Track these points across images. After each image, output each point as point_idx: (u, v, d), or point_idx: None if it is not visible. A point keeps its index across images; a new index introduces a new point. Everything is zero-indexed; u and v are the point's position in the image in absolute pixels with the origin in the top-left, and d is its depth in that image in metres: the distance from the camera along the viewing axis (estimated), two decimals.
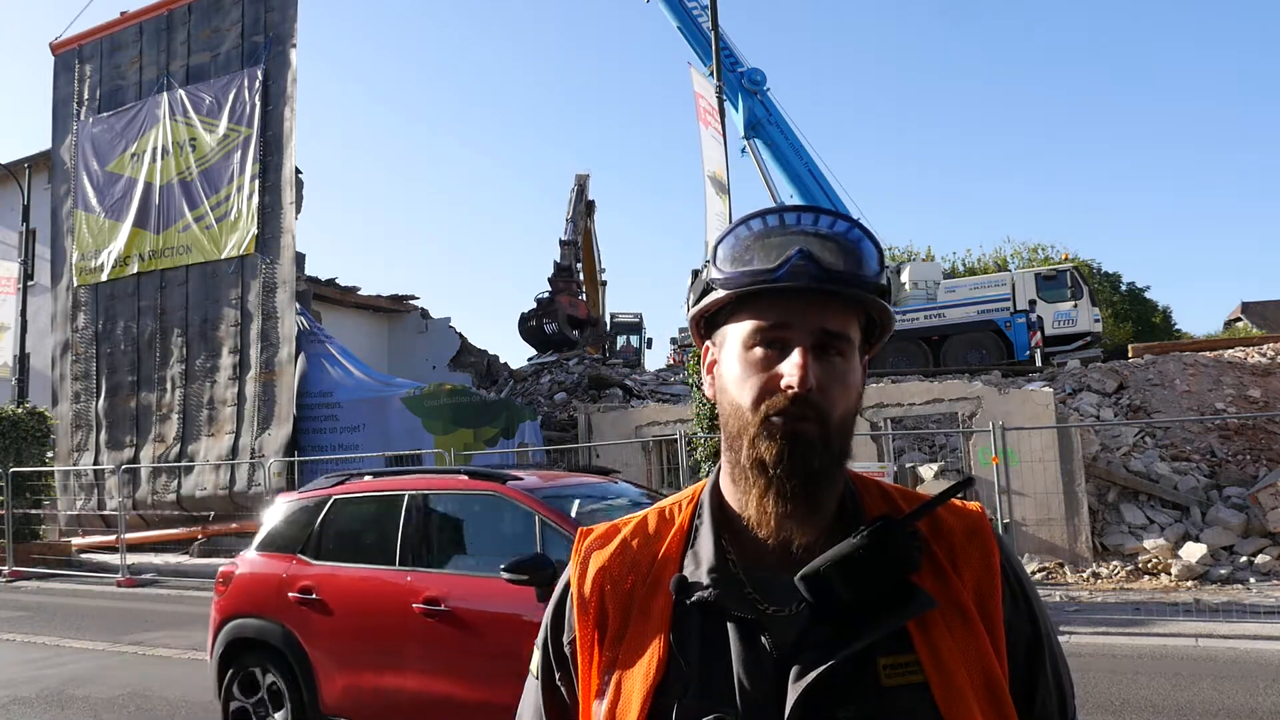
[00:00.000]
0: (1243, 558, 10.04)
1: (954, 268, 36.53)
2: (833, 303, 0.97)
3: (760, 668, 0.94)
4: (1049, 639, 1.03)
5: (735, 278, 0.99)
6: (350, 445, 15.26)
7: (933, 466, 11.98)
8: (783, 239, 0.98)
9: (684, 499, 1.11)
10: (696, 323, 1.07)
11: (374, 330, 24.01)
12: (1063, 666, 1.05)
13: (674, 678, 0.96)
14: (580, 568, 1.08)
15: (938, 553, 1.00)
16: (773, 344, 0.97)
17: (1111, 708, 5.56)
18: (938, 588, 0.97)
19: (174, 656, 8.08)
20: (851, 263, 0.97)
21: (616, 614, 1.02)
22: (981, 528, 1.04)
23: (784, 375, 0.95)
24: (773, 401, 0.96)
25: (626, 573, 1.05)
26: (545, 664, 1.10)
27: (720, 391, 1.02)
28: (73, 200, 19.07)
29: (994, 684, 0.94)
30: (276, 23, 17.09)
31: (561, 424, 15.79)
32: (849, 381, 0.98)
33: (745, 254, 0.99)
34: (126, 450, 17.26)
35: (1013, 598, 1.01)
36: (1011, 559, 1.05)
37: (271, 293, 16.25)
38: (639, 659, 0.98)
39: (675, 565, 1.03)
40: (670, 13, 24.63)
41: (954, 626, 0.95)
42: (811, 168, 24.28)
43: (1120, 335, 30.83)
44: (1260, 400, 12.95)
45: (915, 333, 20.55)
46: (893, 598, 0.93)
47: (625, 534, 1.09)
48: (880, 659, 0.92)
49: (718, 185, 14.83)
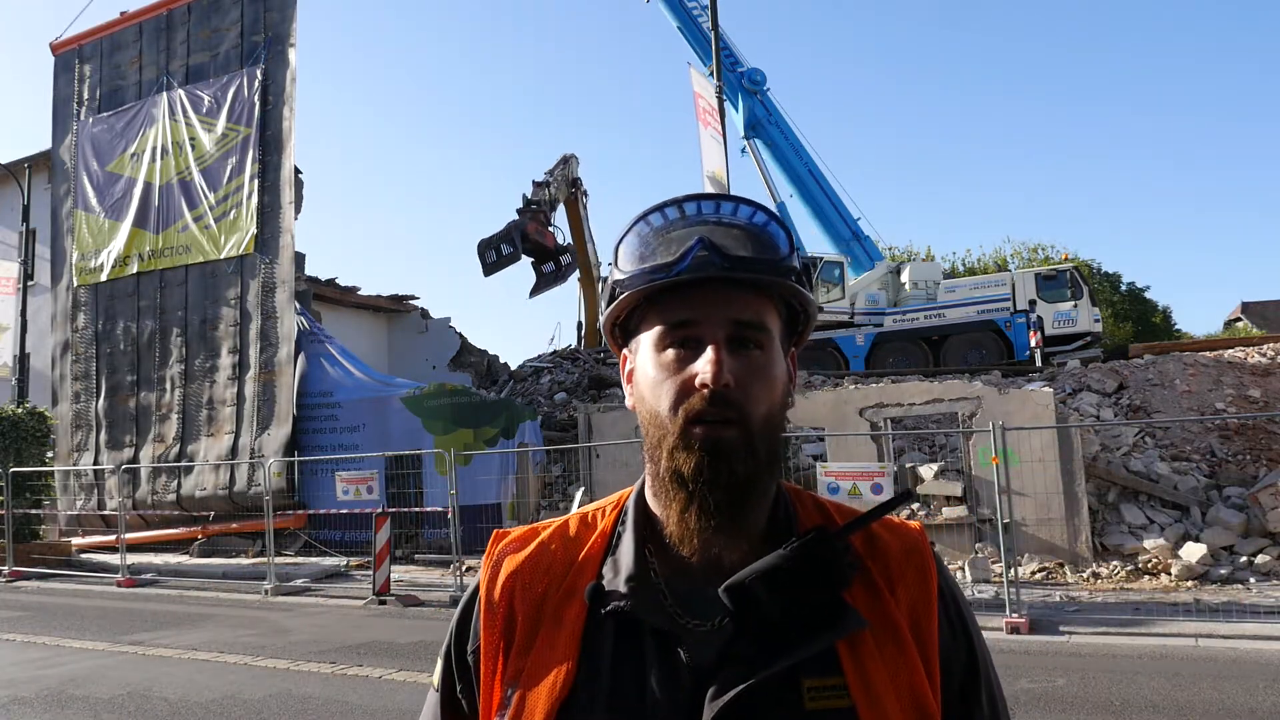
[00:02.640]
0: (1243, 558, 10.04)
1: (954, 268, 36.55)
2: (743, 292, 0.92)
3: (675, 684, 0.87)
4: (985, 666, 0.98)
5: (637, 277, 0.93)
6: (350, 445, 15.26)
7: (933, 466, 11.97)
8: (683, 231, 0.92)
9: (609, 504, 1.05)
10: (610, 331, 1.01)
11: (374, 330, 24.01)
12: (999, 696, 1.00)
13: (582, 694, 0.89)
14: (491, 571, 1.01)
15: (873, 571, 0.94)
16: (685, 343, 0.91)
17: (1111, 708, 5.56)
18: (871, 607, 0.91)
19: (174, 656, 8.07)
20: (757, 247, 0.92)
21: (526, 622, 0.95)
22: (920, 547, 0.98)
23: (698, 373, 0.89)
24: (690, 404, 0.89)
25: (540, 578, 0.98)
26: (446, 674, 1.03)
27: (638, 400, 0.96)
28: (73, 200, 19.07)
29: (925, 711, 0.88)
30: (275, 22, 17.10)
31: (561, 424, 15.79)
32: (771, 375, 0.92)
33: (645, 251, 0.93)
34: (126, 450, 17.26)
35: (949, 622, 0.96)
36: (949, 580, 1.00)
37: (271, 292, 16.25)
38: (546, 673, 0.91)
39: (593, 572, 0.96)
40: (670, 13, 24.65)
41: (885, 649, 0.90)
42: (811, 168, 24.31)
43: (1120, 335, 30.83)
44: (1260, 400, 12.95)
45: (915, 333, 20.57)
46: (822, 615, 0.87)
47: (544, 537, 1.03)
48: (805, 680, 0.87)
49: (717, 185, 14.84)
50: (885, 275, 22.80)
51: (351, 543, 14.04)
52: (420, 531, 14.48)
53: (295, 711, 6.14)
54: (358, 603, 10.80)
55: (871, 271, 22.92)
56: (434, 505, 13.19)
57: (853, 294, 21.75)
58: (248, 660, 7.81)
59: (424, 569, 13.28)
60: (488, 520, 13.39)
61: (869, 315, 21.37)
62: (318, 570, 13.34)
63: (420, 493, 14.04)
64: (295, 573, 13.05)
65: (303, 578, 12.85)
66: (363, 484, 12.55)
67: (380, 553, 10.77)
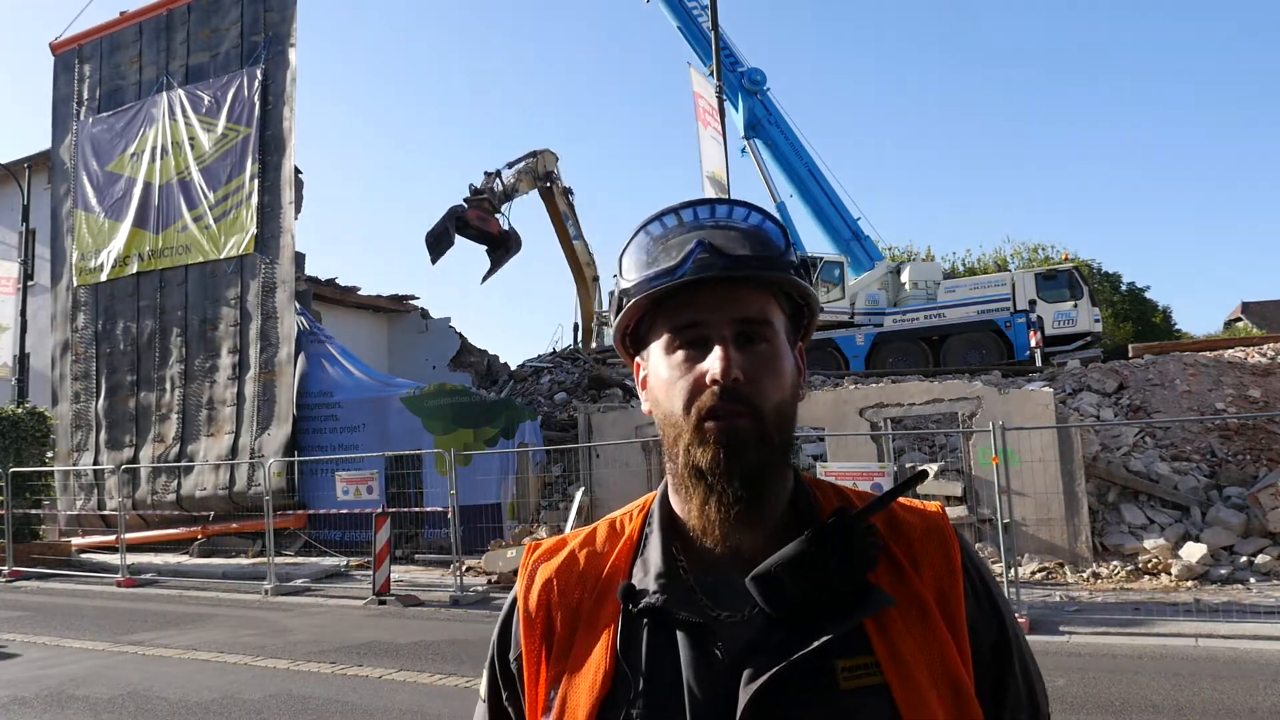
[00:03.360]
0: (1243, 558, 10.03)
1: (954, 268, 36.53)
2: (745, 289, 0.95)
3: (710, 674, 0.90)
4: (1017, 639, 1.00)
5: (642, 284, 0.96)
6: (350, 445, 15.27)
7: (933, 466, 11.97)
8: (682, 236, 0.96)
9: (634, 509, 1.09)
10: (622, 342, 1.05)
11: (374, 330, 24.00)
12: (1033, 667, 1.02)
13: (621, 689, 0.92)
14: (526, 582, 1.05)
15: (896, 551, 0.97)
16: (693, 344, 0.95)
17: (1111, 708, 5.56)
18: (896, 586, 0.94)
19: (174, 656, 8.07)
20: (754, 245, 0.95)
21: (564, 627, 0.99)
22: (941, 525, 1.01)
23: (707, 371, 0.92)
24: (702, 401, 0.93)
25: (574, 585, 1.02)
26: (492, 684, 1.07)
27: (654, 405, 1.00)
28: (72, 200, 19.07)
29: (957, 684, 0.91)
30: (275, 22, 17.10)
31: (561, 424, 15.78)
32: (779, 368, 0.95)
33: (648, 258, 0.97)
34: (126, 450, 17.26)
35: (975, 596, 0.98)
36: (973, 557, 1.02)
37: (271, 292, 16.25)
38: (585, 671, 0.95)
39: (624, 574, 1.00)
40: (670, 12, 24.65)
41: (914, 625, 0.92)
42: (811, 167, 24.32)
43: (1120, 335, 30.82)
44: (1260, 400, 12.95)
45: (915, 333, 20.56)
46: (849, 597, 0.90)
47: (573, 546, 1.06)
48: (838, 661, 0.89)
49: (717, 185, 14.84)
50: (885, 275, 22.80)
51: (351, 543, 14.05)
52: (420, 531, 14.48)
53: (295, 711, 6.14)
54: (358, 603, 10.80)
55: (871, 271, 22.92)
56: (434, 505, 13.19)
57: (853, 294, 21.74)
58: (248, 660, 7.81)
59: (424, 569, 13.28)
60: (488, 520, 13.39)
61: (869, 315, 21.36)
62: (318, 570, 13.34)
63: (420, 493, 14.05)
64: (295, 573, 13.05)
65: (303, 578, 12.85)
66: (363, 484, 12.55)
67: (380, 553, 10.77)
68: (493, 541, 12.71)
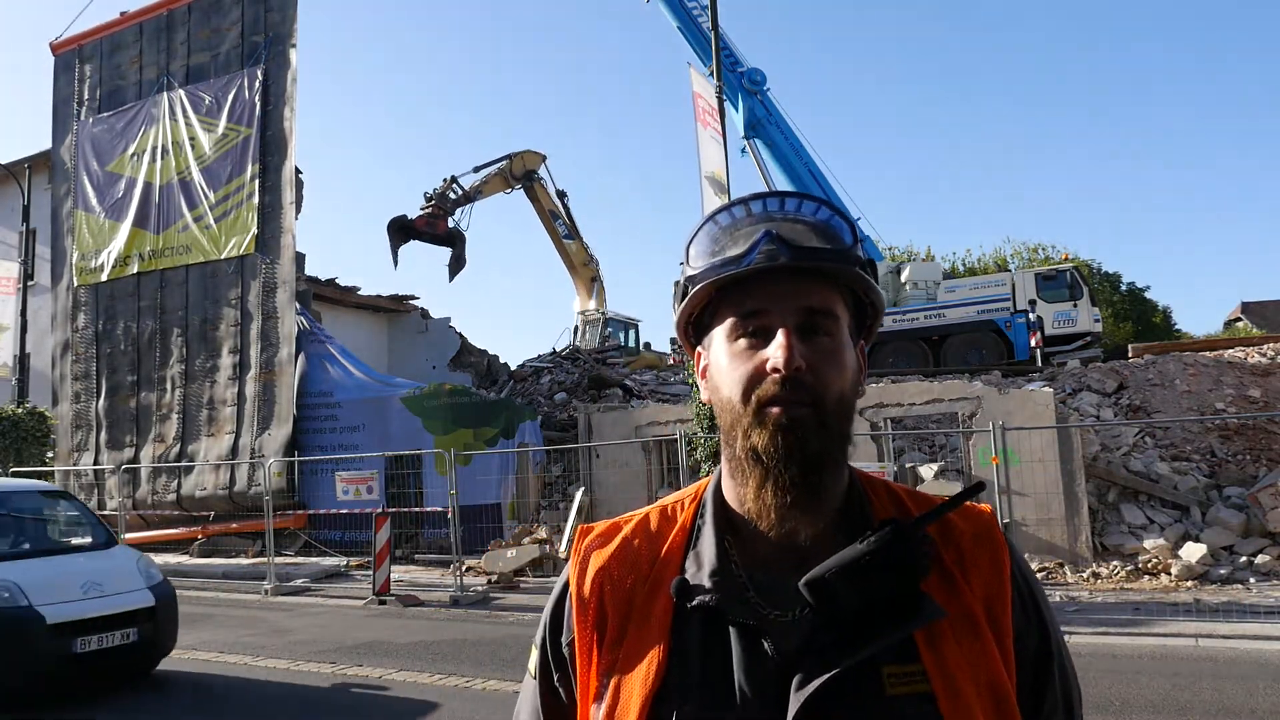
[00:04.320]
0: (1243, 558, 10.04)
1: (954, 268, 36.51)
2: (810, 280, 0.95)
3: (762, 674, 0.91)
4: (1059, 649, 1.01)
5: (707, 271, 0.96)
6: (350, 445, 15.27)
7: (933, 466, 11.98)
8: (750, 227, 0.96)
9: (686, 497, 1.08)
10: (684, 329, 1.05)
11: (374, 330, 24.00)
12: (1072, 678, 1.02)
13: (673, 684, 0.93)
14: (580, 567, 1.05)
15: (946, 558, 0.97)
16: (756, 333, 0.95)
17: (1111, 708, 5.56)
18: (946, 595, 0.93)
19: (174, 656, 8.07)
20: (822, 238, 0.95)
21: (616, 616, 1.00)
22: (991, 532, 1.00)
23: (769, 359, 0.92)
24: (763, 390, 0.92)
25: (626, 573, 1.02)
26: (544, 664, 1.07)
27: (713, 391, 0.99)
28: (73, 200, 19.08)
29: (1001, 696, 0.91)
30: (276, 22, 17.10)
31: (561, 424, 15.79)
32: (841, 360, 0.95)
33: (715, 247, 0.97)
34: (126, 450, 17.27)
35: (1023, 606, 0.98)
36: (1022, 565, 1.02)
37: (271, 293, 16.26)
38: (638, 664, 0.95)
39: (676, 566, 1.00)
40: (670, 13, 24.62)
41: (963, 638, 0.92)
42: (811, 168, 24.29)
43: (1120, 335, 30.81)
44: (1260, 400, 12.95)
45: (915, 333, 20.55)
46: (900, 605, 0.89)
47: (626, 532, 1.06)
48: (885, 667, 0.90)
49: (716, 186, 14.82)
50: (885, 275, 22.79)
51: (351, 543, 14.05)
52: (420, 531, 14.48)
53: (295, 712, 6.14)
54: (358, 603, 10.80)
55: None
56: (434, 505, 13.19)
57: None
58: (248, 660, 7.81)
59: (424, 569, 13.29)
60: (487, 520, 13.40)
61: None
62: (318, 570, 13.34)
63: (420, 493, 14.05)
64: (295, 573, 13.05)
65: (303, 578, 12.85)
66: (363, 484, 12.56)
67: (380, 553, 10.77)
68: (493, 541, 12.71)
